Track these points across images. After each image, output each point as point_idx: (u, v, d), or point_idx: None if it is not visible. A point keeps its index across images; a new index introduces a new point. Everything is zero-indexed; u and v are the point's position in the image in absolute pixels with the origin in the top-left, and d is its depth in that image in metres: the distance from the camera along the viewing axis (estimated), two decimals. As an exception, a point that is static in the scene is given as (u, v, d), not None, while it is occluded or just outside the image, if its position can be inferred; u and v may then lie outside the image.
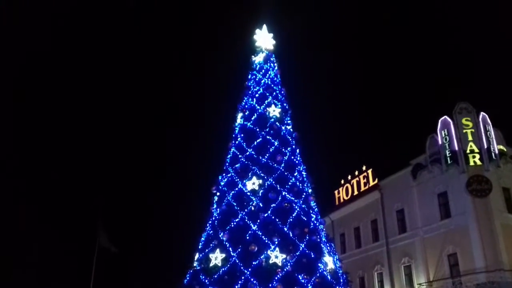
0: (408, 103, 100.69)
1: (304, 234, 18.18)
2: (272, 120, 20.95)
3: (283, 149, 20.21)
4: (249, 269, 16.89)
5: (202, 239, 18.99)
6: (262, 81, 22.58)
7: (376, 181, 43.76)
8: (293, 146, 20.82)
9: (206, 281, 17.26)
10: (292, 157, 20.31)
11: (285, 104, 22.20)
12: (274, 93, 22.16)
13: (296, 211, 18.55)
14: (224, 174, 20.26)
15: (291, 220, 18.23)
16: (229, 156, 20.65)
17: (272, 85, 22.48)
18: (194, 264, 18.41)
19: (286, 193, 18.84)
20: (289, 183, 19.24)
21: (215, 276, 17.24)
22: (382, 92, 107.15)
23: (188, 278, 18.16)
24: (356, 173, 46.85)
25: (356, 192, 46.36)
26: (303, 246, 17.72)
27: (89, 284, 38.12)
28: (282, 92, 22.67)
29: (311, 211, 19.28)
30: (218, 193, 19.89)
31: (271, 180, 19.07)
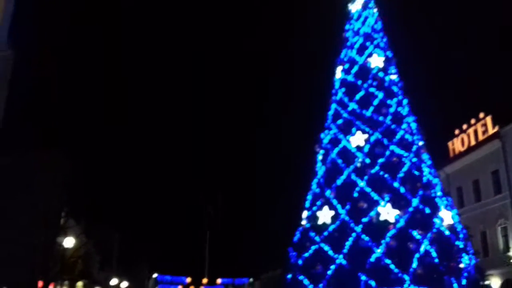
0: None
1: (417, 189, 17.24)
2: (375, 70, 19.74)
3: (389, 101, 19.05)
4: (360, 226, 16.54)
5: (309, 197, 18.93)
6: (361, 30, 21.18)
7: (496, 129, 39.85)
8: (400, 97, 19.51)
9: (316, 238, 17.28)
10: (399, 108, 19.09)
11: (388, 52, 20.69)
12: (375, 42, 20.72)
13: (406, 165, 17.57)
14: (326, 132, 19.77)
15: (401, 175, 17.34)
16: (330, 113, 20.03)
17: (373, 33, 20.99)
18: (303, 223, 18.52)
19: (394, 147, 17.88)
20: (397, 137, 18.20)
21: (325, 234, 17.17)
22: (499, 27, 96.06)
23: (298, 236, 18.35)
24: (472, 121, 43.05)
25: (473, 142, 42.79)
26: (416, 201, 16.84)
27: (205, 251, 40.92)
28: (384, 39, 21.10)
29: (423, 165, 18.13)
30: (321, 151, 19.53)
31: (377, 135, 18.18)
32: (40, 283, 24.29)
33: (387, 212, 16.36)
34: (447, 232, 16.74)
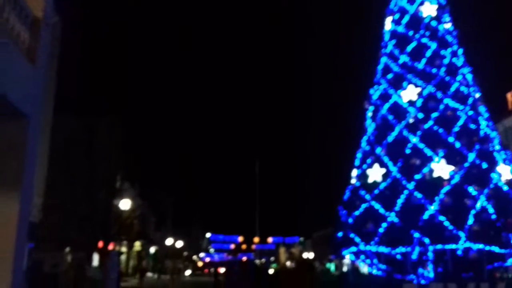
0: None
1: (473, 143, 16.49)
2: (427, 20, 18.62)
3: (442, 52, 18.03)
4: (412, 183, 16.14)
5: (359, 155, 18.60)
6: (412, -23, 19.94)
7: (560, 78, 37.17)
8: (454, 47, 18.40)
9: (367, 196, 17.07)
10: (454, 59, 18.05)
11: (441, 0, 19.46)
12: (427, -12, 19.46)
13: (462, 119, 16.77)
14: (376, 87, 19.11)
15: (456, 129, 16.60)
16: (380, 67, 19.26)
17: (423, -21, 19.72)
18: (353, 181, 18.30)
19: (449, 101, 17.07)
20: (452, 89, 17.32)
21: (376, 192, 16.91)
22: None
23: (348, 195, 18.19)
24: (534, 70, 40.32)
25: (534, 93, 40.29)
26: (472, 156, 16.15)
27: (256, 211, 41.57)
28: (437, -15, 19.80)
29: (480, 118, 17.24)
30: (371, 108, 18.98)
31: (431, 87, 17.36)
32: (101, 243, 25.70)
33: (441, 168, 15.83)
34: (505, 188, 16.04)
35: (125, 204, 28.94)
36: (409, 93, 17.51)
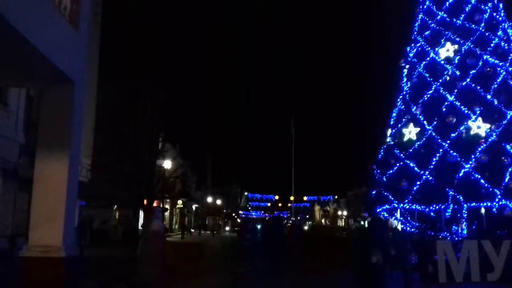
0: None
1: (512, 101, 16.11)
2: (466, -27, 17.87)
3: (482, 6, 17.35)
4: (448, 142, 16.07)
5: (394, 114, 18.54)
6: None
7: None
8: (495, 1, 17.67)
9: (401, 155, 17.15)
10: (494, 14, 17.37)
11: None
12: None
13: (501, 75, 16.33)
14: (412, 45, 18.73)
15: (495, 86, 16.21)
16: (416, 24, 18.80)
17: None
18: (387, 140, 18.36)
19: (488, 57, 16.59)
20: (492, 45, 16.77)
21: (410, 150, 16.96)
22: None
23: (382, 154, 18.32)
24: None
25: None
26: (511, 113, 15.82)
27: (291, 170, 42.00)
28: None
29: (521, 74, 16.71)
30: (407, 66, 18.70)
31: (469, 44, 16.88)
32: (146, 201, 27.02)
33: (478, 126, 15.65)
34: (544, 145, 15.71)
35: (167, 164, 30.11)
36: (447, 50, 17.12)
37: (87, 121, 19.85)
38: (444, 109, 16.55)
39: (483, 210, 15.82)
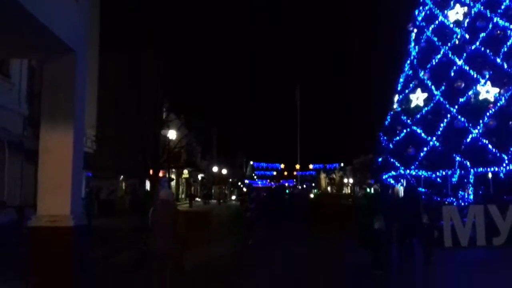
0: None
1: (523, 64, 15.79)
2: None
3: (493, -34, 16.80)
4: (455, 107, 15.86)
5: (401, 80, 18.27)
6: None
7: None
8: (506, -40, 17.07)
9: (408, 121, 16.99)
10: (506, -26, 16.84)
11: None
12: None
13: (511, 38, 15.95)
14: (421, 8, 18.25)
15: (505, 49, 15.87)
16: (425, -14, 18.27)
17: None
18: (395, 106, 18.16)
19: (498, 19, 16.15)
20: (502, 7, 16.31)
21: (418, 116, 16.79)
22: None
23: (388, 120, 18.16)
24: None
25: None
26: (521, 77, 15.55)
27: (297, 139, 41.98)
28: None
29: (532, 37, 16.30)
30: (415, 30, 18.28)
31: (479, 6, 16.43)
32: (151, 171, 27.12)
33: (487, 91, 15.39)
34: (554, 109, 15.50)
35: (171, 134, 30.07)
36: (456, 13, 16.70)
37: (90, 92, 19.65)
38: (452, 74, 16.28)
39: (490, 175, 15.75)
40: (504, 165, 14.82)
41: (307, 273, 9.51)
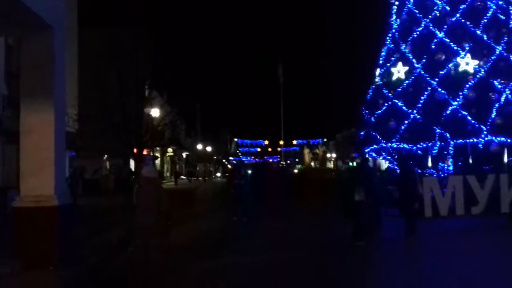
0: None
1: (502, 36, 15.95)
2: None
3: None
4: (436, 80, 16.03)
5: (383, 53, 18.32)
6: None
7: None
8: None
9: (390, 95, 17.14)
10: None
11: None
12: None
13: (491, 10, 16.06)
14: (402, -20, 18.19)
15: (485, 21, 15.98)
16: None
17: None
18: (376, 80, 18.26)
19: (478, -10, 16.23)
20: (483, -22, 16.38)
21: (399, 90, 16.94)
22: None
23: (370, 94, 18.28)
24: None
25: None
26: (500, 48, 15.71)
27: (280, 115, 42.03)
28: None
29: (510, 8, 16.43)
30: (397, 2, 18.26)
31: (459, -23, 16.45)
32: (135, 150, 26.92)
33: (466, 63, 15.56)
34: (532, 79, 15.75)
35: (154, 111, 29.79)
36: (437, -15, 16.68)
37: (70, 71, 19.29)
38: (433, 46, 16.38)
39: (469, 147, 16.06)
40: (483, 136, 15.10)
41: (290, 247, 9.68)
